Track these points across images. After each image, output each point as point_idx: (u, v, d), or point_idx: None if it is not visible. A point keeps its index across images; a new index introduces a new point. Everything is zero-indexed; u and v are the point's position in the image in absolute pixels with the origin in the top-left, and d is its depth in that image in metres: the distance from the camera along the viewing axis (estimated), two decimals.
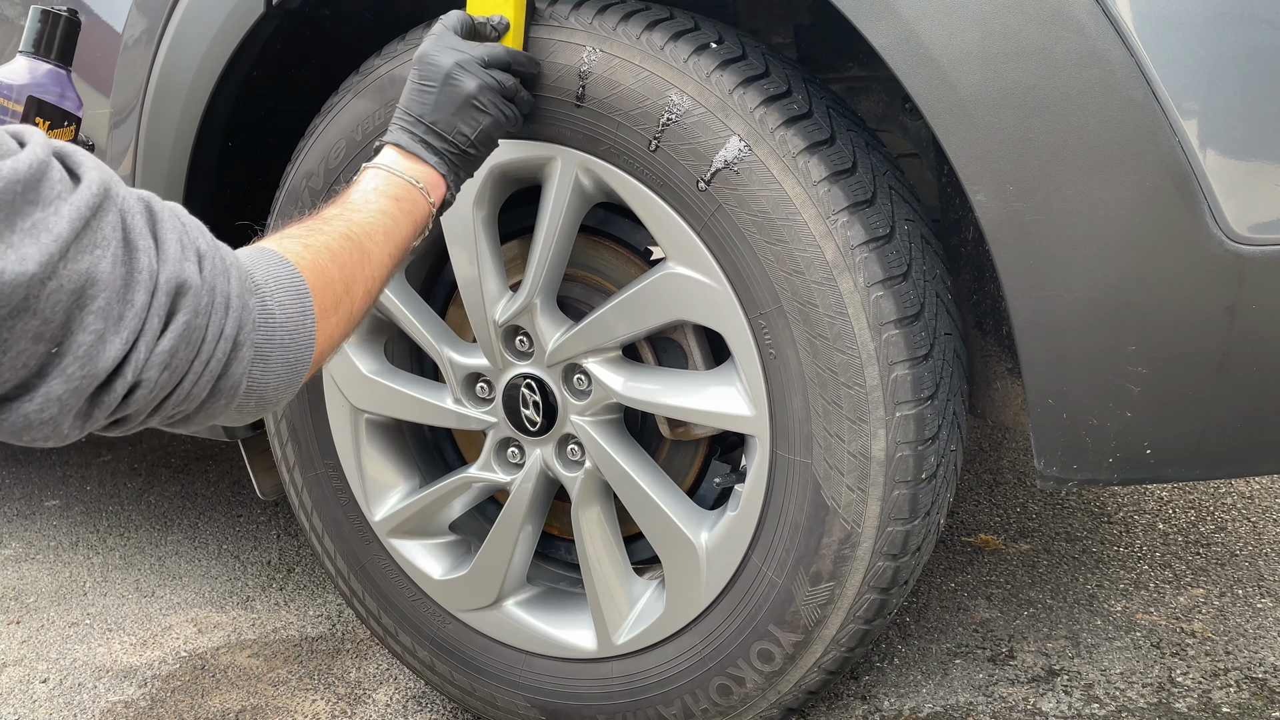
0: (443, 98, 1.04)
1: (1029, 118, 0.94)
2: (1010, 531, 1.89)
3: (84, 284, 0.64)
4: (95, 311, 0.64)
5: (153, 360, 0.68)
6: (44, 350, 0.63)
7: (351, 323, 0.88)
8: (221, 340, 0.73)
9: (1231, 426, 1.00)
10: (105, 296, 0.65)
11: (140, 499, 2.38)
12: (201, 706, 1.56)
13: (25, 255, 0.60)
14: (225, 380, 0.74)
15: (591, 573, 1.30)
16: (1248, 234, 0.92)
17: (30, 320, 0.61)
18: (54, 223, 0.62)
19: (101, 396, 0.67)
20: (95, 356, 0.65)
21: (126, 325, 0.66)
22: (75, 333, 0.64)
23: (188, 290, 0.70)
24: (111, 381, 0.67)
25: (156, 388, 0.69)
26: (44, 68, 1.12)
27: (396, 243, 0.96)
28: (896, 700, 1.43)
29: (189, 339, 0.70)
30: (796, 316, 1.09)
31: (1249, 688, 1.41)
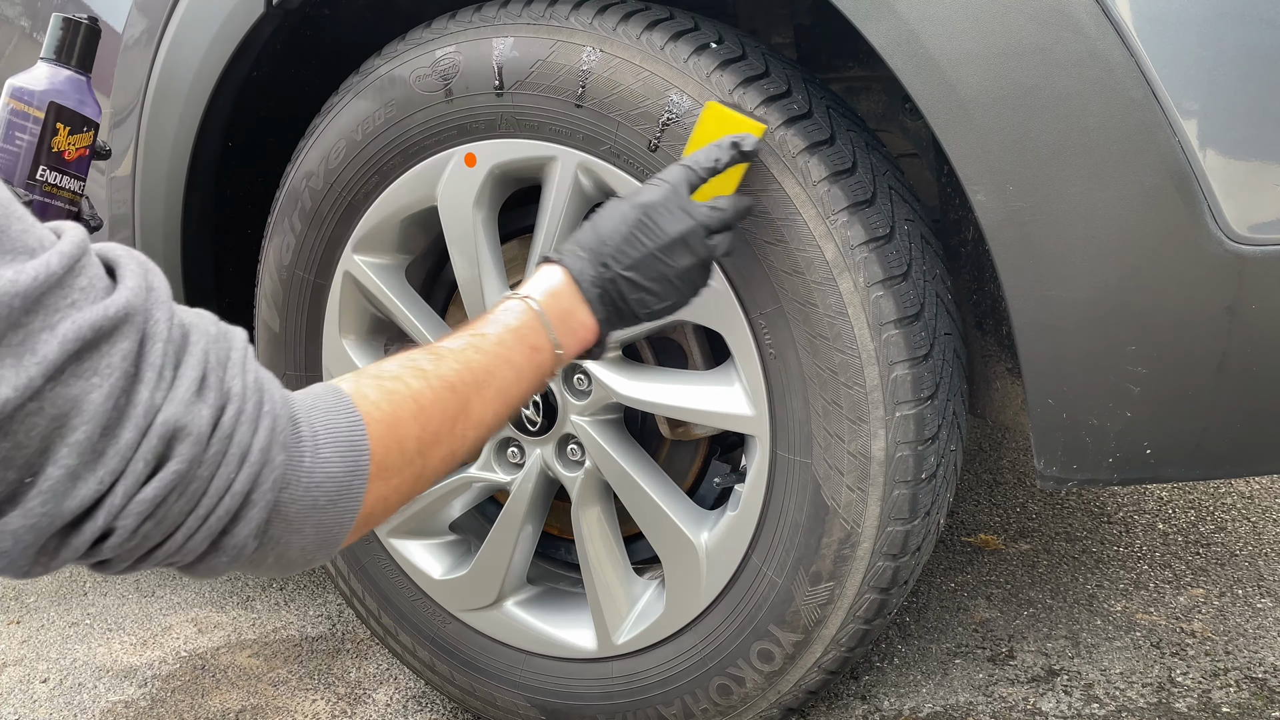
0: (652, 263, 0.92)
1: (1029, 118, 0.94)
2: (1010, 531, 1.89)
3: (68, 412, 0.57)
4: (71, 445, 0.58)
5: (130, 508, 0.61)
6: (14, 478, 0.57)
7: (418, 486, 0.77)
8: (228, 496, 0.65)
9: (1231, 426, 1.00)
10: (87, 431, 0.58)
11: None
12: (201, 706, 1.56)
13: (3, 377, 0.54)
14: (229, 539, 0.66)
15: (591, 573, 1.30)
16: (1248, 234, 0.92)
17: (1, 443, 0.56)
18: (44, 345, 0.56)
19: (68, 538, 0.60)
20: (62, 495, 0.58)
21: (105, 464, 0.59)
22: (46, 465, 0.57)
23: (186, 437, 0.62)
24: (80, 524, 0.60)
25: (136, 537, 0.62)
26: (64, 74, 1.14)
27: (509, 400, 0.84)
28: (896, 700, 1.43)
29: (182, 490, 0.63)
30: (796, 316, 1.09)
31: (1249, 688, 1.41)
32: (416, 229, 1.33)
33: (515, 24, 1.18)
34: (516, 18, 1.18)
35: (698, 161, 0.98)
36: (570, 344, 0.91)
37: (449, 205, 1.25)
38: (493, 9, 1.20)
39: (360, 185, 1.30)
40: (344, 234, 1.33)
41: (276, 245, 1.38)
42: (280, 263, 1.39)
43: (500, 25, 1.18)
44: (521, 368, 0.85)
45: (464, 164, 1.22)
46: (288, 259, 1.38)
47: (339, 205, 1.32)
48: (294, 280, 1.38)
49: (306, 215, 1.34)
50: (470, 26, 1.20)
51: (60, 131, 1.11)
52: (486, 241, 1.25)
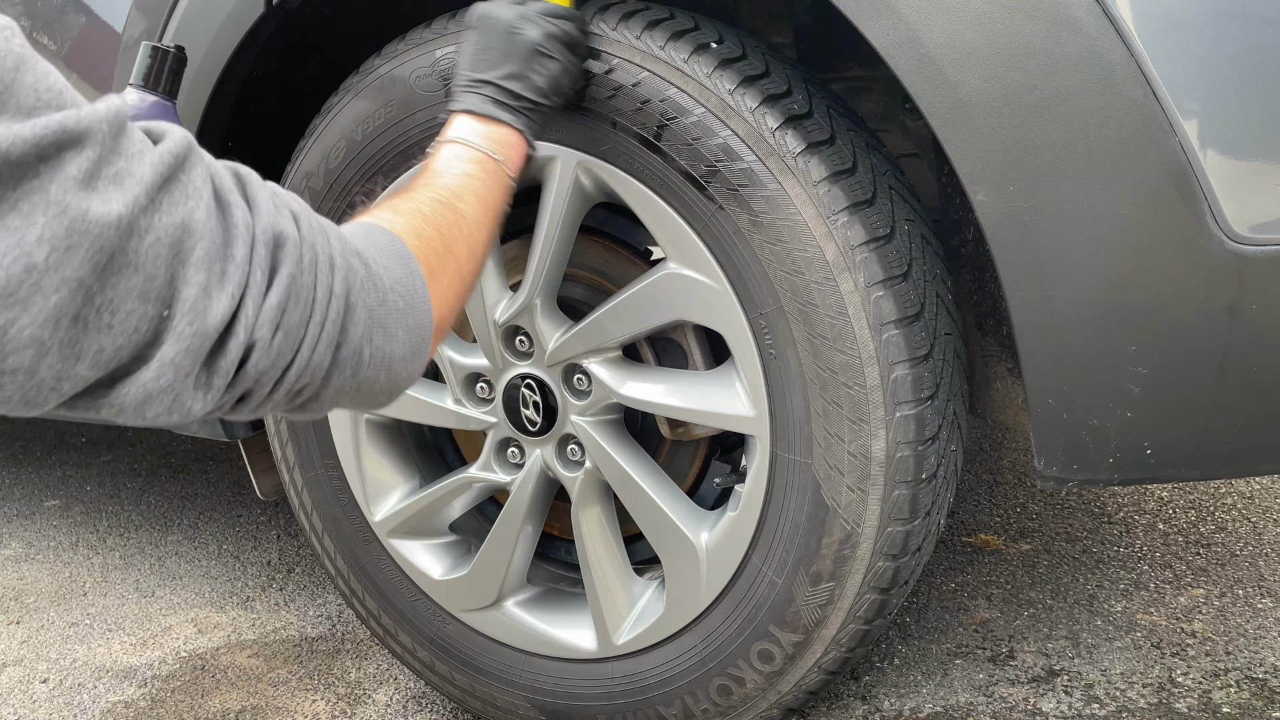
0: (509, 50, 1.00)
1: (1029, 118, 0.94)
2: (1010, 531, 1.89)
3: (181, 235, 0.62)
4: (195, 264, 0.62)
5: (262, 317, 0.65)
6: (154, 312, 0.61)
7: (463, 283, 0.86)
8: (333, 300, 0.70)
9: (1231, 426, 1.00)
10: (204, 248, 0.62)
11: (140, 499, 2.38)
12: (201, 706, 1.56)
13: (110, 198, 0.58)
14: (345, 347, 0.71)
15: (591, 573, 1.30)
16: (1248, 234, 0.92)
17: (132, 276, 0.59)
18: (138, 169, 0.60)
19: (217, 361, 0.65)
20: (203, 312, 0.62)
21: (230, 279, 0.64)
22: (180, 288, 0.62)
23: (286, 242, 0.67)
24: (225, 343, 0.64)
25: (272, 350, 0.66)
26: (150, 99, 1.18)
27: (488, 204, 0.94)
28: (896, 700, 1.43)
29: (297, 295, 0.67)
30: (797, 316, 1.09)
31: (1249, 688, 1.41)
32: None
33: None
34: None
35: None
36: (507, 153, 0.99)
37: None
38: None
39: (360, 185, 1.30)
40: None
41: None
42: None
43: None
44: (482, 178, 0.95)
45: None
46: None
47: (339, 205, 1.32)
48: None
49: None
50: None
51: None
52: None
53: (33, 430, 2.89)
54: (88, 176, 0.58)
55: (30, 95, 0.57)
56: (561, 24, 1.05)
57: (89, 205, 0.57)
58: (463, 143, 0.97)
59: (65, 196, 0.56)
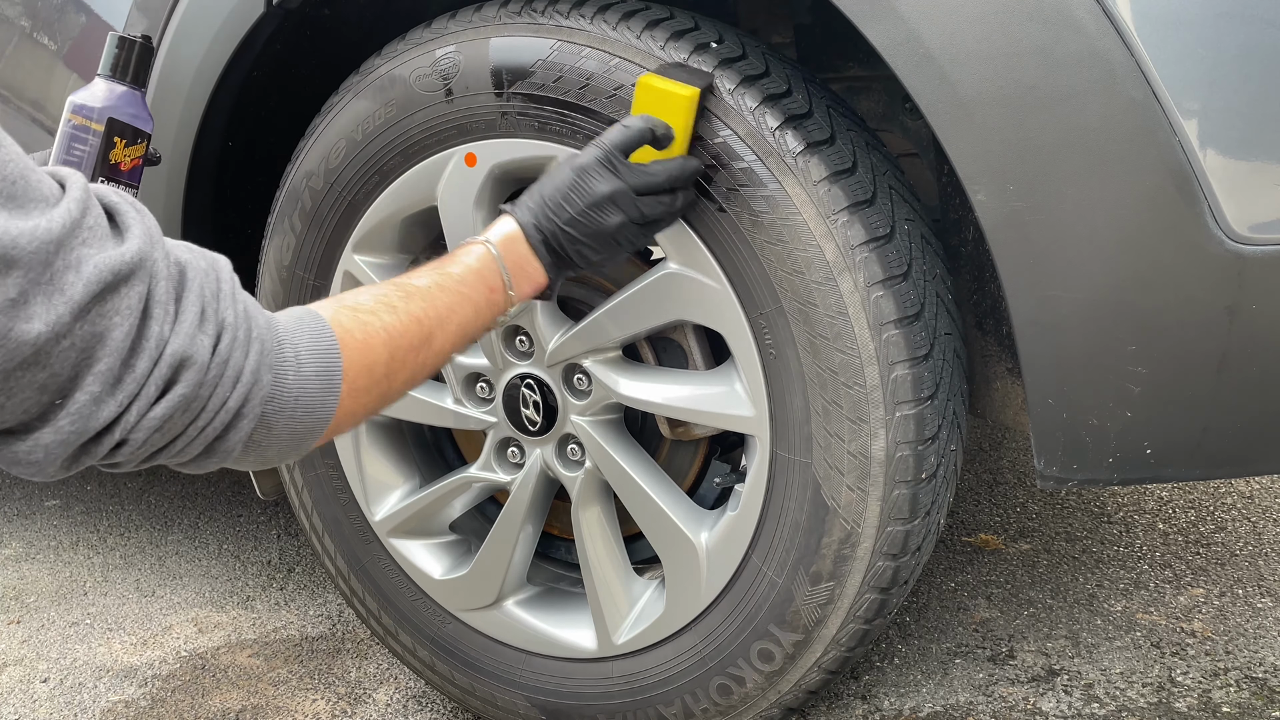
0: (584, 219, 1.00)
1: (1029, 117, 0.94)
2: (1010, 531, 1.89)
3: (94, 344, 0.65)
4: (95, 374, 0.66)
5: (142, 424, 0.69)
6: (47, 400, 0.65)
7: (384, 404, 0.88)
8: (222, 411, 0.74)
9: (1231, 426, 1.00)
10: (109, 362, 0.66)
11: (140, 499, 2.39)
12: (202, 706, 1.56)
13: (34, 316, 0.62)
14: (221, 444, 0.75)
15: (591, 573, 1.30)
16: (1248, 234, 0.92)
17: (39, 373, 0.64)
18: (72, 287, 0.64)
19: (90, 448, 0.69)
20: (88, 416, 0.67)
21: (123, 389, 0.68)
22: (74, 391, 0.66)
23: (191, 365, 0.71)
24: (100, 437, 0.69)
25: (145, 446, 0.71)
26: (120, 89, 1.19)
27: (466, 335, 0.94)
28: (896, 700, 1.43)
29: (186, 409, 0.71)
30: (796, 316, 1.09)
31: (1249, 688, 1.41)
32: (417, 229, 1.33)
33: (515, 23, 1.17)
34: (516, 17, 1.18)
35: (632, 124, 1.04)
36: (524, 287, 1.00)
37: (449, 205, 1.25)
38: (493, 8, 1.20)
39: (360, 185, 1.30)
40: (344, 234, 1.33)
41: (276, 245, 1.38)
42: (280, 263, 1.39)
43: (500, 24, 1.18)
44: (480, 305, 0.95)
45: (464, 164, 1.22)
46: (288, 259, 1.38)
47: (339, 205, 1.32)
48: (294, 280, 1.38)
49: (306, 215, 1.34)
50: (470, 26, 1.20)
51: (117, 144, 1.17)
52: None
53: None
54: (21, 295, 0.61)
55: None
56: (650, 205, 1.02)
57: (13, 325, 0.61)
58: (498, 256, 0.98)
59: None
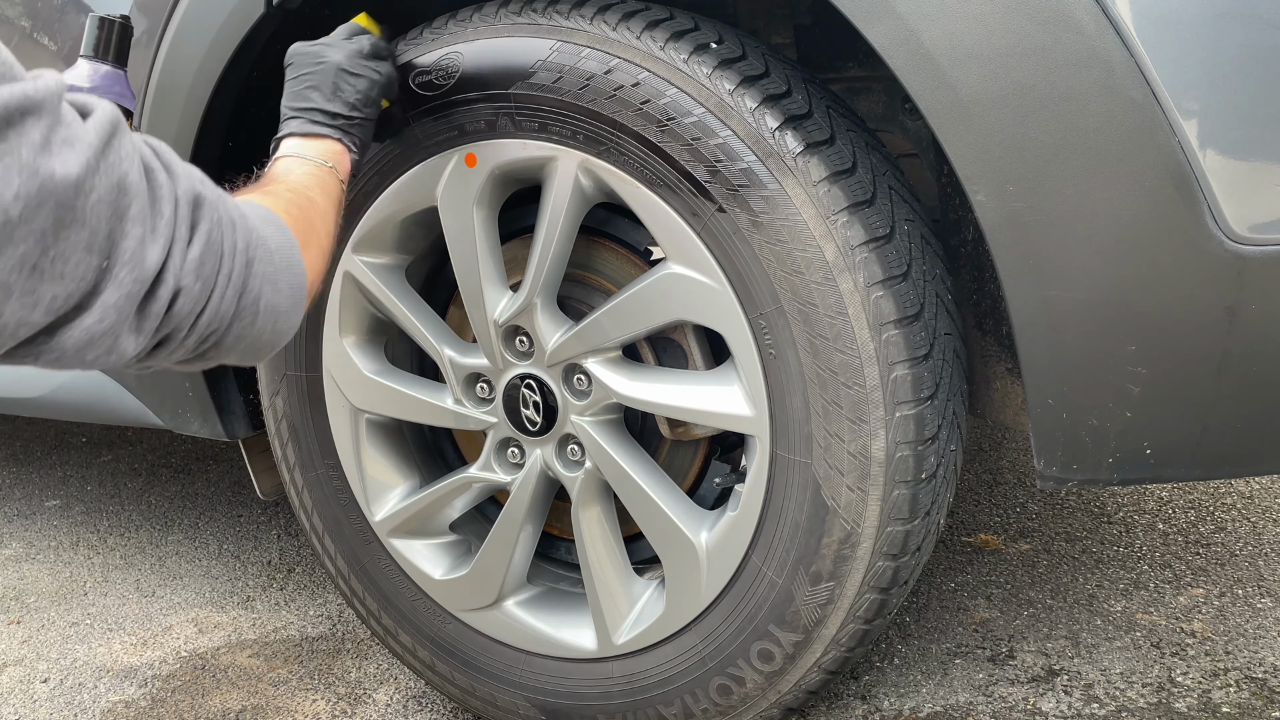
0: (317, 75, 1.10)
1: (1029, 118, 0.94)
2: (1010, 531, 1.89)
3: (118, 194, 0.69)
4: (132, 219, 0.70)
5: (187, 266, 0.75)
6: (97, 263, 0.68)
7: (324, 255, 0.97)
8: (237, 254, 0.79)
9: (1231, 426, 1.00)
10: (138, 205, 0.71)
11: (140, 499, 2.39)
12: (202, 706, 1.56)
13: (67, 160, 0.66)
14: (245, 296, 0.80)
15: (591, 573, 1.30)
16: (1248, 234, 0.92)
17: (80, 231, 0.67)
18: (83, 135, 0.68)
19: (149, 306, 0.73)
20: (140, 260, 0.71)
21: (161, 233, 0.73)
22: (119, 241, 0.70)
23: (204, 202, 0.77)
24: (155, 290, 0.73)
25: (193, 296, 0.76)
26: (104, 69, 1.21)
27: (331, 196, 1.03)
28: (896, 700, 1.43)
29: (212, 248, 0.77)
30: (796, 316, 1.09)
31: (1249, 688, 1.41)
32: (416, 229, 1.33)
33: (515, 24, 1.18)
34: (516, 17, 1.18)
35: None
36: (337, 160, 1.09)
37: (449, 205, 1.25)
38: (492, 8, 1.20)
39: (360, 185, 1.30)
40: (344, 234, 1.33)
41: None
42: None
43: (500, 25, 1.18)
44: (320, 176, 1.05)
45: (464, 164, 1.22)
46: None
47: None
48: None
49: None
50: (470, 26, 1.20)
51: None
52: (486, 241, 1.25)
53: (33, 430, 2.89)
54: (45, 141, 0.65)
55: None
56: (360, 42, 1.15)
57: (53, 165, 0.65)
58: (293, 156, 1.07)
59: (35, 159, 0.64)
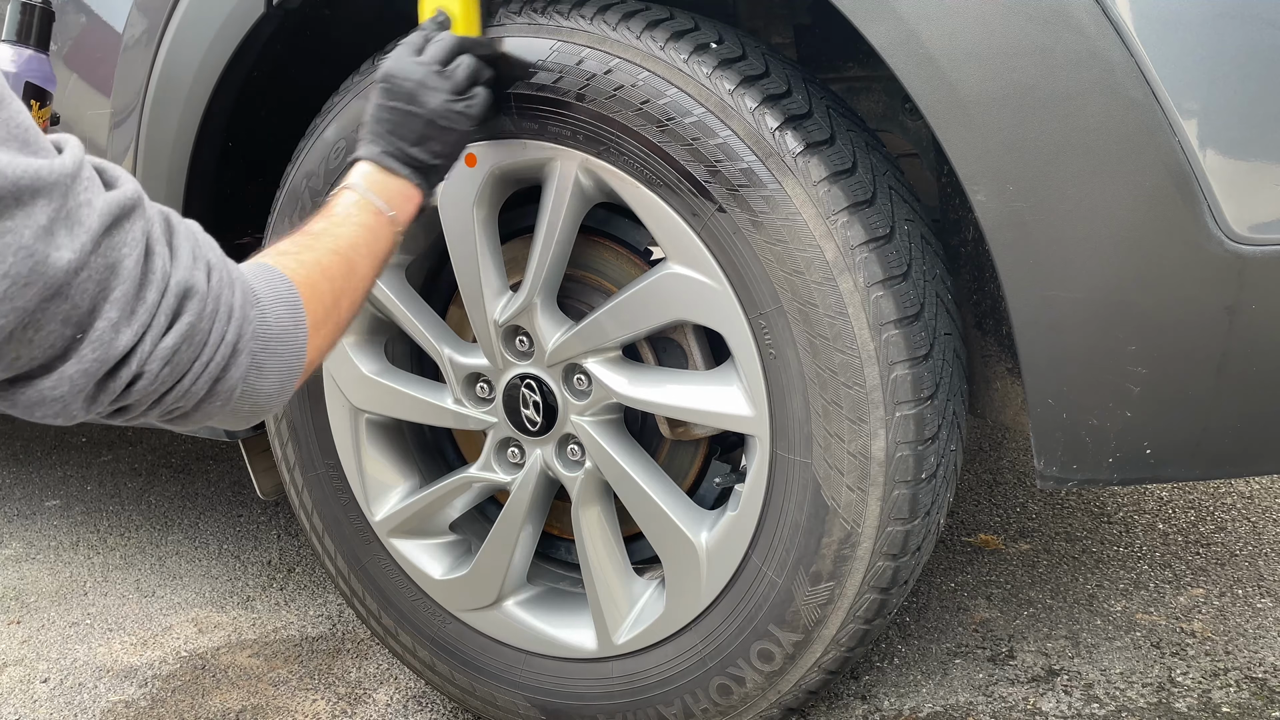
0: (410, 117, 1.07)
1: (1029, 117, 0.94)
2: (1010, 531, 1.89)
3: (108, 276, 0.71)
4: (113, 302, 0.71)
5: (156, 354, 0.74)
6: (70, 334, 0.70)
7: (339, 333, 0.95)
8: (222, 345, 0.79)
9: (1231, 426, 1.00)
10: (123, 290, 0.72)
11: (140, 499, 2.39)
12: (202, 706, 1.56)
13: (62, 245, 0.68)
14: (223, 383, 0.80)
15: (591, 573, 1.30)
16: (1248, 234, 0.92)
17: (62, 304, 0.69)
18: (88, 219, 0.70)
19: (108, 383, 0.74)
20: (109, 343, 0.72)
21: (138, 319, 0.73)
22: (95, 320, 0.71)
23: (194, 295, 0.77)
24: (118, 370, 0.73)
25: (157, 380, 0.75)
26: (27, 53, 1.23)
27: (378, 256, 1.02)
28: (896, 700, 1.43)
29: (191, 339, 0.76)
30: (796, 316, 1.09)
31: (1249, 688, 1.41)
32: (416, 229, 1.33)
33: (515, 23, 1.18)
34: (516, 17, 1.18)
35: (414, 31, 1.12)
36: (404, 207, 1.06)
37: (449, 205, 1.25)
38: (492, 9, 1.20)
39: None
40: None
41: None
42: None
43: (500, 25, 1.18)
44: (376, 230, 1.03)
45: (464, 164, 1.22)
46: None
47: None
48: None
49: (308, 215, 1.34)
50: None
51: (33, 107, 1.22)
52: (486, 241, 1.25)
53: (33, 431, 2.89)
54: (50, 224, 0.67)
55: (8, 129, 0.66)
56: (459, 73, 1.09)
57: (49, 252, 0.67)
58: (361, 193, 1.04)
59: (34, 242, 0.66)
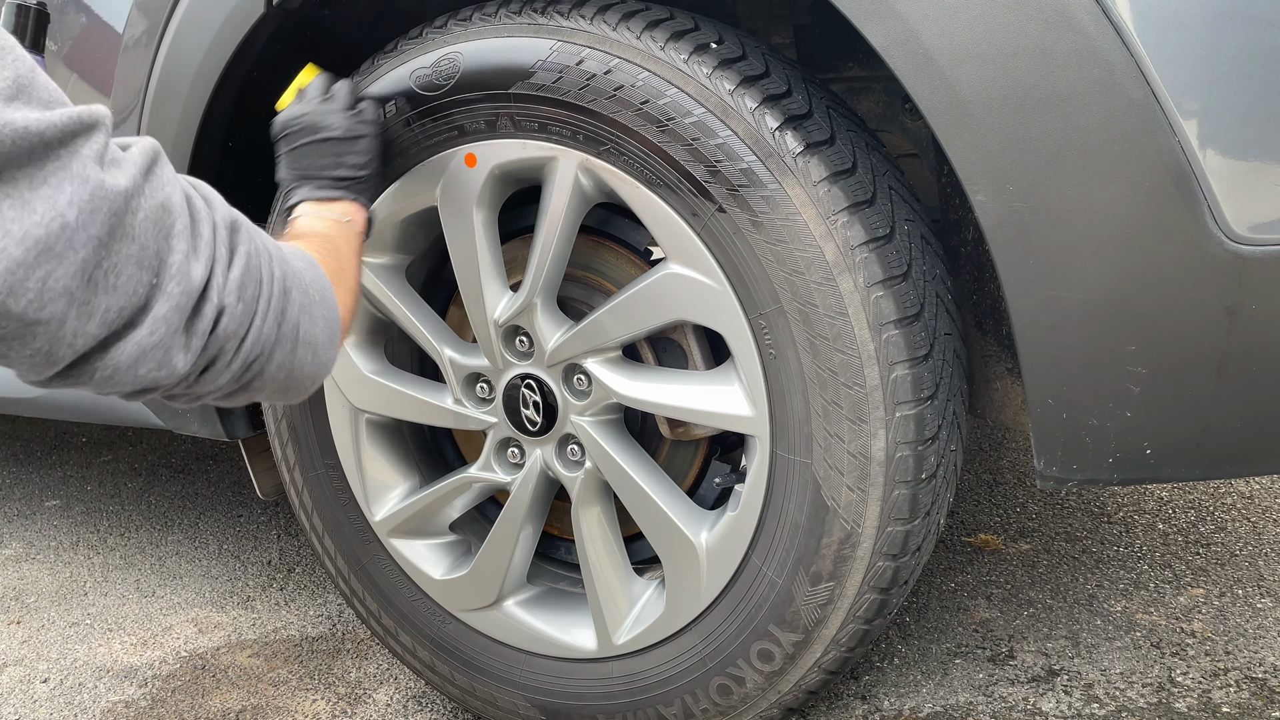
0: (319, 144, 1.13)
1: (1029, 117, 0.94)
2: (1010, 531, 1.89)
3: (162, 213, 0.74)
4: (176, 236, 0.75)
5: (229, 285, 0.78)
6: (147, 279, 0.73)
7: (354, 297, 1.01)
8: (275, 282, 0.83)
9: (1231, 426, 1.00)
10: (181, 224, 0.76)
11: (140, 499, 2.39)
12: (202, 706, 1.56)
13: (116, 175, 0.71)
14: (285, 324, 0.84)
15: (591, 573, 1.30)
16: (1248, 234, 0.92)
17: (130, 245, 0.72)
18: (130, 157, 0.74)
19: (195, 323, 0.77)
20: (186, 274, 0.75)
21: (202, 252, 0.77)
22: (166, 256, 0.74)
23: (241, 226, 0.82)
24: (200, 306, 0.77)
25: (236, 316, 0.79)
26: None
27: (355, 248, 1.08)
28: (896, 700, 1.43)
29: (251, 272, 0.80)
30: (796, 316, 1.09)
31: (1249, 688, 1.41)
32: (416, 229, 1.33)
33: (515, 23, 1.18)
34: (516, 17, 1.18)
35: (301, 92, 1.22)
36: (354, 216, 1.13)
37: (449, 205, 1.25)
38: (492, 8, 1.20)
39: None
40: None
41: None
42: None
43: (500, 25, 1.18)
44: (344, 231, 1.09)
45: (464, 164, 1.22)
46: None
47: None
48: None
49: None
50: (470, 26, 1.20)
51: None
52: (486, 241, 1.25)
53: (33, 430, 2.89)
54: (99, 157, 0.71)
55: (44, 92, 0.70)
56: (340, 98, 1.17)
57: (104, 177, 0.70)
58: (313, 216, 1.10)
59: (86, 170, 0.69)
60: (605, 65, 1.12)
